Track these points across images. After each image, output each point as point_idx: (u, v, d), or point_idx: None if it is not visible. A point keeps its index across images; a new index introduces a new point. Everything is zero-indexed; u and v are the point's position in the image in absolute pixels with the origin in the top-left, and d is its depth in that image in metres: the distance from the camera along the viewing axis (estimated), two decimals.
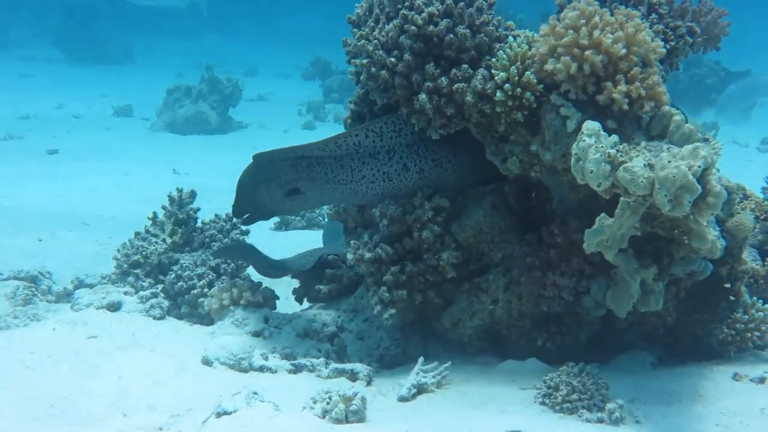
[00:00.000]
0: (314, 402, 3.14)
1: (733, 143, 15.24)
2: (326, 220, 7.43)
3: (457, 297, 4.01)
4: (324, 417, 3.06)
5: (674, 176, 3.08)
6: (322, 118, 17.14)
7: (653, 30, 3.91)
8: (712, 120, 16.60)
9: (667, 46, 3.96)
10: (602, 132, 3.38)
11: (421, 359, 3.68)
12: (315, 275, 4.56)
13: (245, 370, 3.68)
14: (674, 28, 3.98)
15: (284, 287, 4.68)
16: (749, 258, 4.38)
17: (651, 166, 3.22)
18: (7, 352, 3.68)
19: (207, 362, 3.71)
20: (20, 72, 22.49)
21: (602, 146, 3.32)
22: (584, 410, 3.28)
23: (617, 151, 3.36)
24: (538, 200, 4.10)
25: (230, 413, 3.01)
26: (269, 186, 4.10)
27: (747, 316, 3.93)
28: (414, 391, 3.45)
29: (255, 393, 3.15)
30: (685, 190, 3.09)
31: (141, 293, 4.45)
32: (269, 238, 7.29)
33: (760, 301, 4.01)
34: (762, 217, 4.56)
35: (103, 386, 3.39)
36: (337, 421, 3.02)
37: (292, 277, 4.66)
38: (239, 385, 3.43)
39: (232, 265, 4.70)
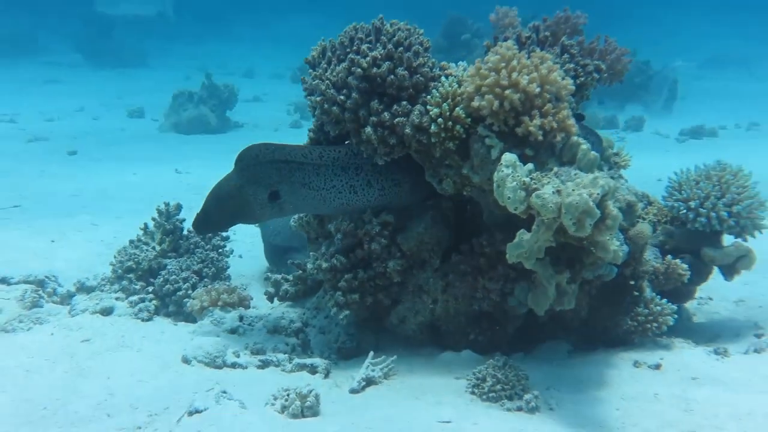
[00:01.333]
0: (275, 399, 3.12)
1: (656, 134, 15.31)
2: None
3: (403, 297, 4.01)
4: (283, 412, 3.05)
5: (577, 203, 3.10)
6: (308, 117, 16.84)
7: (565, 68, 3.89)
8: (640, 114, 16.65)
9: (578, 82, 3.96)
10: (518, 163, 3.38)
11: (371, 353, 3.68)
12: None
13: (219, 367, 3.64)
14: (584, 66, 3.96)
15: (258, 288, 4.68)
16: (651, 257, 4.42)
17: (559, 193, 3.23)
18: (9, 356, 3.61)
19: (186, 361, 3.66)
20: (47, 77, 22.07)
21: (518, 175, 3.33)
22: (506, 400, 3.30)
23: (531, 179, 3.37)
24: (471, 214, 4.10)
25: (201, 411, 2.98)
26: (256, 188, 3.81)
27: (647, 310, 3.97)
28: (363, 383, 3.45)
29: (224, 392, 3.12)
30: (586, 214, 3.10)
31: (130, 298, 4.40)
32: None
33: (659, 296, 4.05)
34: (663, 221, 4.59)
35: (93, 387, 3.33)
36: (294, 416, 3.02)
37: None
38: (213, 381, 3.39)
39: (213, 268, 4.66)
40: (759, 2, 34.34)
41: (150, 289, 4.50)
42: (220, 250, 4.84)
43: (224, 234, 4.99)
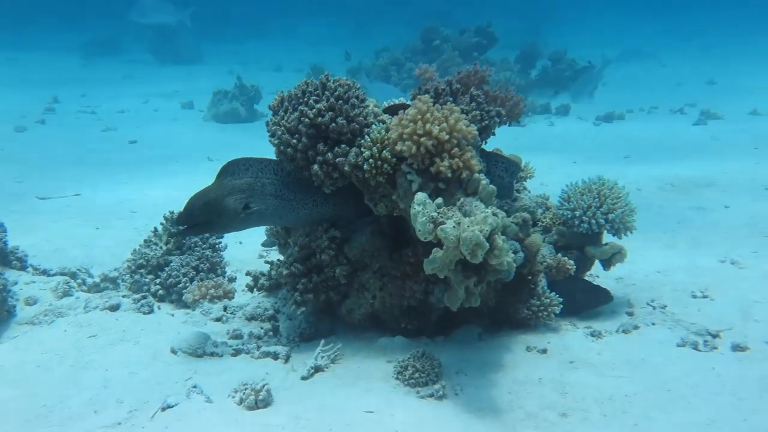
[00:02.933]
0: (235, 392, 2.92)
1: (578, 119, 14.77)
2: None
3: (350, 294, 3.78)
4: (240, 404, 2.86)
5: (470, 238, 2.84)
6: None
7: (472, 114, 3.56)
8: (567, 102, 16.05)
9: (483, 124, 3.63)
10: (428, 201, 3.10)
11: (322, 342, 3.47)
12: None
13: (200, 356, 3.41)
14: (487, 112, 3.62)
15: (241, 279, 4.44)
16: (547, 253, 4.18)
17: (459, 225, 2.97)
18: (28, 351, 3.39)
19: (173, 351, 3.44)
20: (124, 72, 21.38)
21: (427, 211, 3.05)
22: (421, 387, 3.10)
23: (438, 213, 3.09)
24: (403, 228, 3.82)
25: (173, 407, 2.79)
26: (234, 200, 3.36)
27: (539, 301, 3.74)
28: (312, 371, 3.24)
29: (194, 386, 2.93)
30: (478, 247, 2.85)
31: (134, 296, 4.13)
32: None
33: (549, 290, 3.82)
34: (557, 223, 4.32)
35: (92, 379, 3.10)
36: (249, 408, 2.83)
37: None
38: (192, 371, 3.19)
39: (208, 264, 4.41)
40: (663, 3, 33.08)
41: (158, 281, 4.26)
42: (216, 247, 4.58)
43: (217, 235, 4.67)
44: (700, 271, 4.71)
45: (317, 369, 3.27)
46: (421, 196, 3.09)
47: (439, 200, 3.20)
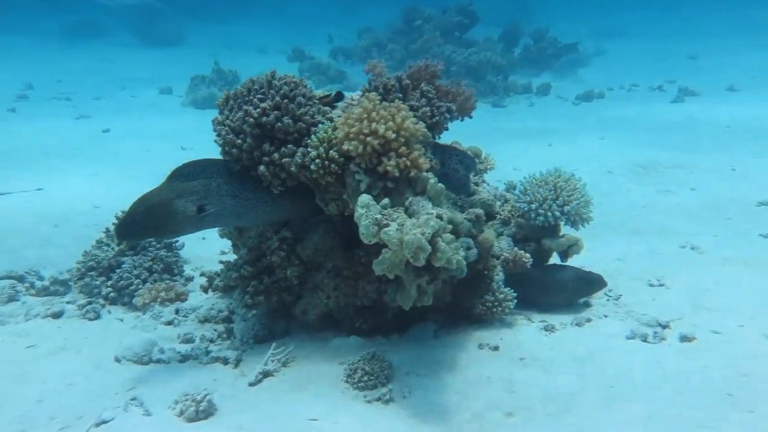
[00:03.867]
0: (176, 403, 2.85)
1: (559, 98, 14.67)
2: None
3: (304, 294, 3.73)
4: (180, 416, 2.80)
5: (412, 241, 2.78)
6: None
7: (422, 112, 3.48)
8: (548, 81, 15.90)
9: (434, 120, 3.55)
10: (371, 203, 3.03)
11: (273, 345, 3.43)
12: None
13: (146, 363, 3.32)
14: (438, 107, 3.53)
15: (200, 279, 4.36)
16: (506, 245, 4.14)
17: (402, 228, 2.91)
18: None
19: (117, 360, 3.35)
20: (104, 55, 20.81)
21: (371, 213, 2.99)
22: (369, 390, 3.07)
23: (383, 215, 3.03)
24: (355, 227, 3.73)
25: (107, 422, 2.69)
26: (186, 202, 3.17)
27: (494, 297, 3.72)
28: (260, 376, 3.20)
29: (134, 398, 2.84)
30: (420, 250, 2.80)
31: (79, 302, 4.00)
32: None
33: (503, 285, 3.79)
34: (516, 216, 4.28)
35: (27, 393, 2.92)
36: (189, 419, 2.77)
37: None
38: (135, 380, 3.09)
39: (162, 264, 4.33)
40: None
41: (109, 283, 4.15)
42: (172, 246, 4.48)
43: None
44: (660, 257, 4.71)
45: (266, 374, 3.22)
46: (364, 198, 3.02)
47: (385, 201, 3.13)
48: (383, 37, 18.86)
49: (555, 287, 3.94)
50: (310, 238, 3.67)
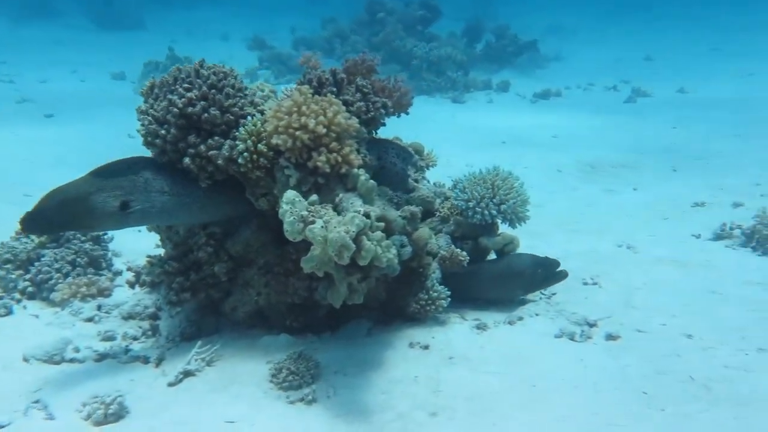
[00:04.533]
0: (84, 405, 2.71)
1: (517, 95, 14.85)
2: None
3: (234, 290, 3.63)
4: (88, 419, 2.66)
5: (336, 239, 2.73)
6: (256, 80, 15.73)
7: (356, 107, 3.41)
8: (507, 78, 16.07)
9: (369, 116, 3.49)
10: (297, 199, 2.95)
11: (198, 343, 3.32)
12: None
13: (58, 363, 3.15)
14: (374, 103, 3.48)
15: (125, 276, 4.18)
16: (444, 243, 4.13)
17: (327, 225, 2.85)
18: None
19: (25, 359, 3.17)
20: (55, 38, 19.79)
21: (296, 210, 2.91)
22: (294, 390, 3.01)
23: (309, 212, 2.96)
24: None
25: (3, 427, 2.53)
26: (107, 197, 2.94)
27: (427, 295, 3.70)
28: (181, 376, 3.08)
29: (37, 401, 2.68)
30: (344, 248, 2.75)
31: None
32: None
33: (437, 284, 3.77)
34: (455, 213, 4.27)
35: None
36: (97, 423, 2.64)
37: None
38: (43, 380, 2.93)
39: (86, 258, 4.12)
40: None
41: (27, 277, 3.93)
42: (99, 239, 4.27)
43: None
44: (597, 256, 4.80)
45: (187, 374, 3.11)
46: (290, 194, 2.94)
47: (314, 197, 3.06)
48: (346, 28, 18.69)
49: (512, 276, 3.85)
50: (241, 233, 3.56)
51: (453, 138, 9.88)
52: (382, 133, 4.15)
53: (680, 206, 5.96)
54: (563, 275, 3.90)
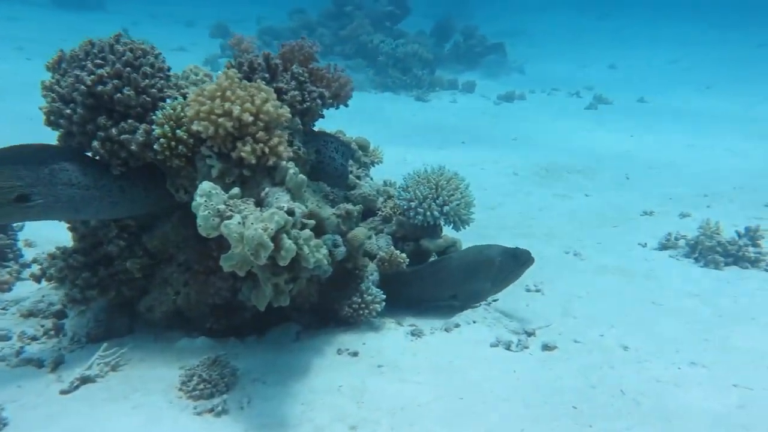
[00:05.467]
0: None
1: (482, 96, 14.85)
2: None
3: (151, 288, 3.37)
4: None
5: (253, 237, 2.51)
6: (217, 69, 15.20)
7: (290, 95, 3.20)
8: (473, 79, 16.06)
9: (305, 106, 3.28)
10: (214, 191, 2.71)
11: (103, 346, 3.05)
12: None
13: None
14: (310, 92, 3.27)
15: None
16: (384, 244, 3.97)
17: (245, 221, 2.63)
18: None
19: None
20: (7, 15, 18.71)
21: (211, 204, 2.68)
22: (204, 399, 2.78)
23: (227, 206, 2.73)
24: None
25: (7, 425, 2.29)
26: (10, 183, 2.63)
27: (361, 299, 3.52)
28: (77, 383, 2.80)
29: None
30: (261, 247, 2.53)
31: None
32: None
33: (372, 287, 3.59)
34: (398, 213, 4.11)
35: None
36: None
37: None
38: None
39: None
40: None
41: None
42: (5, 227, 3.92)
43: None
44: (542, 262, 4.67)
45: (85, 380, 2.83)
46: (205, 185, 2.70)
47: (235, 190, 2.83)
48: (313, 21, 18.36)
49: (480, 267, 3.63)
50: (160, 227, 3.30)
51: (413, 136, 9.76)
52: (329, 126, 3.96)
53: (630, 214, 5.97)
54: (531, 261, 3.66)
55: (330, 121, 3.98)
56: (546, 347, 3.31)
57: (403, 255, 3.77)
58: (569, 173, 7.69)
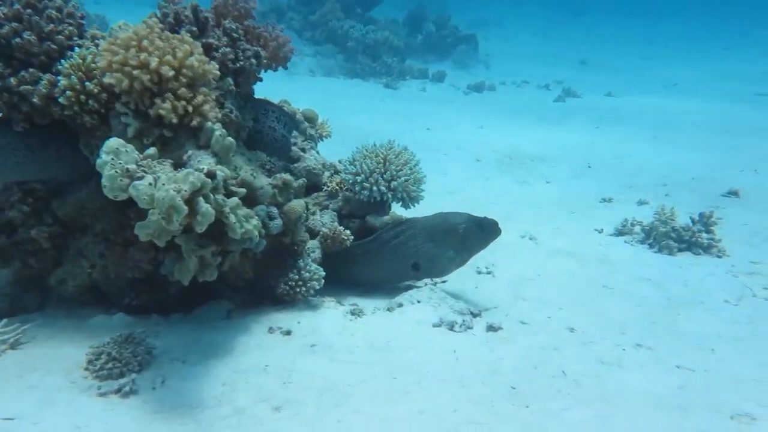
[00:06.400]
0: None
1: (451, 86, 14.75)
2: None
3: (64, 260, 3.10)
4: None
5: (164, 198, 2.28)
6: None
7: (221, 53, 2.95)
8: (443, 69, 15.94)
9: (239, 65, 3.04)
10: (124, 149, 2.45)
11: (4, 321, 2.78)
12: None
13: None
14: (244, 51, 3.03)
15: None
16: (328, 220, 3.76)
17: (156, 183, 2.40)
18: None
19: None
20: None
21: (119, 163, 2.42)
22: (111, 380, 2.53)
23: (138, 165, 2.48)
24: None
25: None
26: None
27: (298, 276, 3.31)
28: None
29: None
30: (173, 210, 2.30)
31: None
32: None
33: (312, 264, 3.39)
34: (345, 188, 3.91)
35: None
36: None
37: None
38: None
39: None
40: None
41: None
42: None
43: None
44: (496, 245, 4.55)
45: None
46: (113, 142, 2.44)
47: (151, 150, 2.59)
48: (283, 4, 17.94)
49: (444, 233, 3.45)
50: (74, 193, 3.02)
51: (379, 121, 9.56)
52: (276, 94, 3.73)
53: (589, 201, 5.90)
54: (497, 232, 3.51)
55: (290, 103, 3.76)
56: (491, 328, 3.17)
57: (347, 232, 3.58)
58: (532, 161, 7.62)
